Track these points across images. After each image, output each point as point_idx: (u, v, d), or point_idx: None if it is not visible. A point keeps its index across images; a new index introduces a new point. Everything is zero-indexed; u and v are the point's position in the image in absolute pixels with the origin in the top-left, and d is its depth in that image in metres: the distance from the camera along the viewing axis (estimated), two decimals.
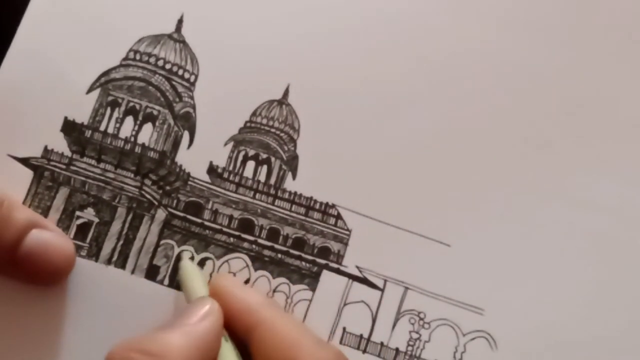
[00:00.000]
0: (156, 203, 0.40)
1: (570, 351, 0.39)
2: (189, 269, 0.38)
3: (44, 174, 0.39)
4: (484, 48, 0.41)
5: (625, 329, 0.39)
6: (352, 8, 0.41)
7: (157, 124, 0.40)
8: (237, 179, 0.40)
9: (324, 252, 0.40)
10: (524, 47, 0.41)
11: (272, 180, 0.40)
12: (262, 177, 0.40)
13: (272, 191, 0.40)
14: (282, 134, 0.40)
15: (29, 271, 0.37)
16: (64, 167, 0.39)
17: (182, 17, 0.41)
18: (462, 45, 0.41)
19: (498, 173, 0.40)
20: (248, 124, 0.40)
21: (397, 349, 0.39)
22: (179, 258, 0.39)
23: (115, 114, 0.40)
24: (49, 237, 0.37)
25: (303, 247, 0.40)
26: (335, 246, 0.40)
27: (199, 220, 0.40)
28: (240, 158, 0.40)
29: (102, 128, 0.40)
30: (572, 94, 0.41)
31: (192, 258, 0.39)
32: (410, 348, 0.39)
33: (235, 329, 0.36)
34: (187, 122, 0.40)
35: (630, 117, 0.41)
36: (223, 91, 0.40)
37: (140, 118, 0.40)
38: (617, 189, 0.40)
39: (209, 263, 0.39)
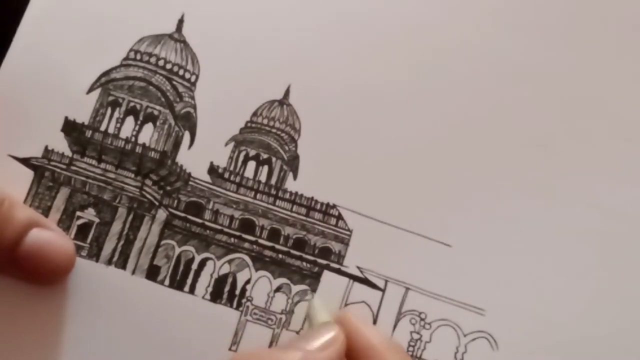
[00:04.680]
0: (157, 203, 0.40)
1: (571, 351, 0.39)
2: (317, 304, 0.39)
3: (45, 174, 0.39)
4: (485, 49, 0.41)
5: (625, 329, 0.39)
6: (353, 9, 0.41)
7: (157, 124, 0.40)
8: (238, 179, 0.40)
9: (325, 252, 0.40)
10: (525, 47, 0.41)
11: (273, 181, 0.40)
12: (263, 178, 0.40)
13: (273, 191, 0.40)
14: (283, 134, 0.40)
15: (29, 270, 0.37)
16: (64, 167, 0.39)
17: (182, 17, 0.41)
18: (464, 46, 0.41)
19: (499, 173, 0.40)
20: (249, 124, 0.40)
21: None
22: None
23: (116, 114, 0.40)
24: (49, 236, 0.37)
25: (304, 247, 0.40)
26: (336, 246, 0.40)
27: (200, 221, 0.40)
28: (241, 158, 0.40)
29: (102, 128, 0.40)
30: (574, 94, 0.41)
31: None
32: (411, 348, 0.39)
33: None
34: (188, 122, 0.40)
35: (630, 117, 0.41)
36: (224, 91, 0.40)
37: (140, 118, 0.40)
38: (618, 189, 0.40)
39: (206, 261, 0.39)
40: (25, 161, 0.39)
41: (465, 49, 0.41)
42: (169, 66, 0.40)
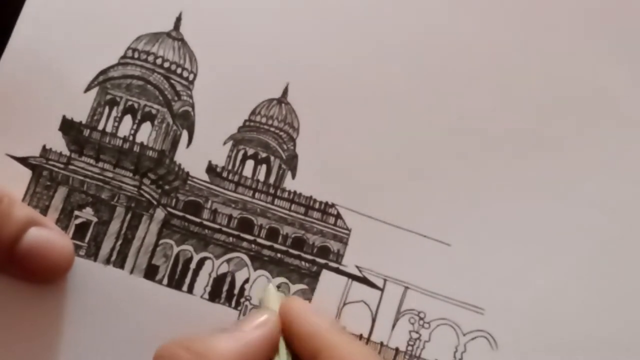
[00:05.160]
0: (155, 202, 0.39)
1: (571, 351, 0.39)
2: (272, 294, 0.38)
3: (43, 173, 0.39)
4: (483, 47, 0.41)
5: (625, 328, 0.39)
6: (352, 6, 0.41)
7: (155, 123, 0.40)
8: (236, 178, 0.40)
9: (324, 251, 0.40)
10: (527, 46, 0.41)
11: (272, 180, 0.40)
12: (261, 177, 0.40)
13: (272, 190, 0.40)
14: (281, 133, 0.40)
15: (27, 269, 0.36)
16: (62, 166, 0.39)
17: (180, 14, 0.40)
18: (462, 45, 0.41)
19: (498, 172, 0.40)
20: (247, 123, 0.40)
21: (397, 349, 0.39)
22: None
23: (114, 113, 0.40)
24: (47, 235, 0.37)
25: (302, 246, 0.40)
26: (334, 245, 0.40)
27: (198, 220, 0.40)
28: (239, 157, 0.40)
29: (100, 127, 0.40)
30: (574, 92, 0.41)
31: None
32: (410, 348, 0.39)
33: (302, 352, 0.36)
34: (186, 121, 0.40)
35: (631, 116, 0.41)
36: (222, 90, 0.40)
37: (138, 117, 0.40)
38: (619, 188, 0.40)
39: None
40: (23, 160, 0.39)
41: (466, 48, 0.41)
42: (166, 65, 0.40)
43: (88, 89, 0.40)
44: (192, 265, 0.39)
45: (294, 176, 0.40)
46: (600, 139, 0.40)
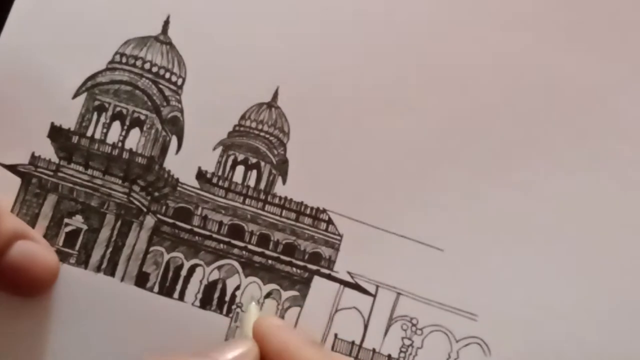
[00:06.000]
0: (145, 209, 0.39)
1: (564, 357, 0.38)
2: (254, 311, 0.38)
3: (32, 180, 0.39)
4: (477, 49, 0.40)
5: (620, 334, 0.39)
6: (341, 10, 0.40)
7: (144, 128, 0.39)
8: (226, 184, 0.40)
9: (315, 257, 0.39)
10: (520, 47, 0.40)
11: (262, 185, 0.40)
12: (251, 182, 0.40)
13: (262, 196, 0.39)
14: (271, 138, 0.40)
15: (10, 282, 0.36)
16: (51, 173, 0.39)
17: (168, 18, 0.40)
18: (455, 48, 0.40)
19: (491, 177, 0.39)
20: (237, 128, 0.40)
21: (389, 356, 0.39)
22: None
23: (102, 119, 0.39)
24: (34, 249, 0.37)
25: (294, 252, 0.39)
26: (326, 252, 0.39)
27: (189, 227, 0.39)
28: (229, 163, 0.40)
29: (89, 134, 0.39)
30: (570, 94, 0.40)
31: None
32: (402, 355, 0.39)
33: None
34: (175, 126, 0.39)
35: (628, 116, 0.40)
36: (211, 94, 0.39)
37: (127, 123, 0.39)
38: (617, 191, 0.39)
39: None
40: (12, 168, 0.39)
41: (457, 52, 0.40)
42: (155, 69, 0.40)
43: (76, 95, 0.39)
44: (183, 273, 0.39)
45: (284, 181, 0.39)
46: (595, 142, 0.39)
